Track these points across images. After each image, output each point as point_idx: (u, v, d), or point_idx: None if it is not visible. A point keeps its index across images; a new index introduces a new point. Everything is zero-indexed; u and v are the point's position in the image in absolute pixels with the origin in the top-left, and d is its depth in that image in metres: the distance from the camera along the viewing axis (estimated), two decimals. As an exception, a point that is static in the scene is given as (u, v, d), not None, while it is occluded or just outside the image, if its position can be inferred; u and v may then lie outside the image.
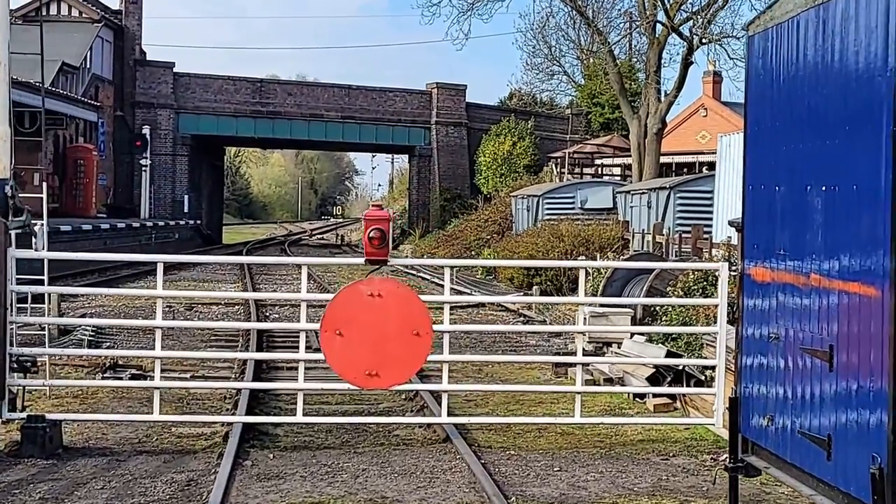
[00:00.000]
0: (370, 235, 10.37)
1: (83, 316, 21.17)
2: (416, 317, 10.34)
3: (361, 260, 10.62)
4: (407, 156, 69.21)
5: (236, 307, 23.62)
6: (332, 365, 10.41)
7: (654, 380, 13.64)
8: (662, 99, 39.32)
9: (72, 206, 49.39)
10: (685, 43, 38.54)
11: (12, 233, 12.47)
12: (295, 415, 10.68)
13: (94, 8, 55.26)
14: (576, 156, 53.61)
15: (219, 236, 67.80)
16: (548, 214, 35.45)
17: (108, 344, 17.90)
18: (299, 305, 12.30)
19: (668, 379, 13.52)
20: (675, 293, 16.48)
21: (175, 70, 58.60)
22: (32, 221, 12.34)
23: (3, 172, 11.69)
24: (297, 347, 11.43)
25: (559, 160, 53.20)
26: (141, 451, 10.62)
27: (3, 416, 10.35)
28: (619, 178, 46.65)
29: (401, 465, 10.08)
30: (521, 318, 22.07)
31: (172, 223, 53.68)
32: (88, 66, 53.47)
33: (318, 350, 11.02)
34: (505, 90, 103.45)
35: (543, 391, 12.47)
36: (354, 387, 10.55)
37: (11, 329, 11.46)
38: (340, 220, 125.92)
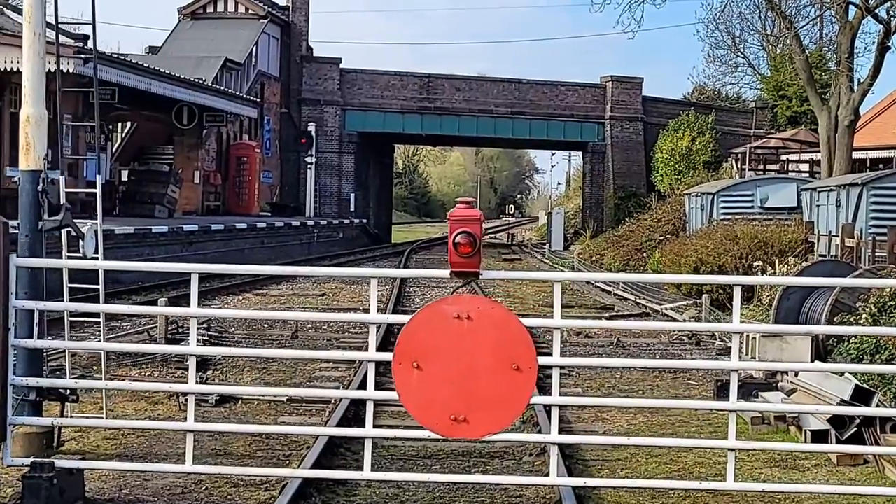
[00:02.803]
0: (456, 241, 7.86)
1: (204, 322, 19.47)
2: (515, 346, 7.87)
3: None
4: (580, 153, 66.56)
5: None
6: (408, 406, 8.02)
7: (838, 421, 10.92)
8: (855, 89, 35.65)
9: (234, 204, 48.71)
10: (882, 26, 34.81)
11: (61, 234, 10.72)
12: (363, 469, 8.31)
13: (260, 4, 54.37)
14: (759, 151, 49.94)
15: (387, 235, 66.39)
16: (723, 213, 32.31)
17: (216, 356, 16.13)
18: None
19: (857, 421, 10.77)
20: (867, 310, 13.58)
21: (342, 66, 57.39)
22: (79, 221, 10.51)
23: (37, 163, 9.81)
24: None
25: (740, 156, 49.64)
26: (177, 507, 8.55)
27: (6, 460, 8.37)
28: (806, 174, 42.98)
29: (488, 543, 7.69)
30: (687, 333, 19.48)
31: (336, 222, 52.39)
32: (254, 62, 52.71)
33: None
34: (686, 84, 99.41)
35: (687, 446, 9.85)
36: (436, 435, 8.14)
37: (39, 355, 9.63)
38: (512, 218, 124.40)
